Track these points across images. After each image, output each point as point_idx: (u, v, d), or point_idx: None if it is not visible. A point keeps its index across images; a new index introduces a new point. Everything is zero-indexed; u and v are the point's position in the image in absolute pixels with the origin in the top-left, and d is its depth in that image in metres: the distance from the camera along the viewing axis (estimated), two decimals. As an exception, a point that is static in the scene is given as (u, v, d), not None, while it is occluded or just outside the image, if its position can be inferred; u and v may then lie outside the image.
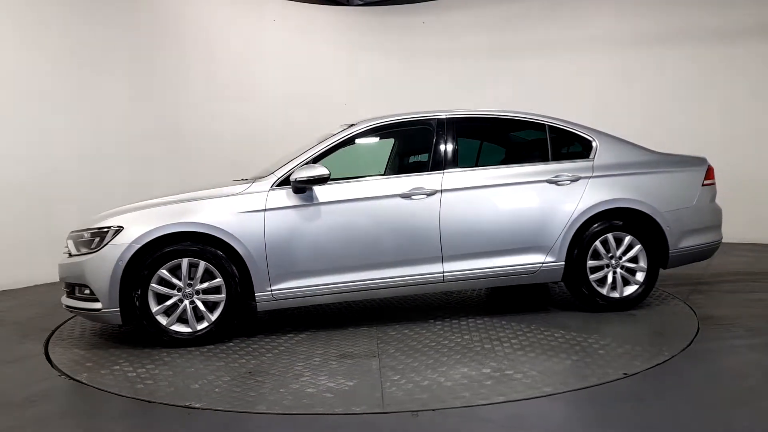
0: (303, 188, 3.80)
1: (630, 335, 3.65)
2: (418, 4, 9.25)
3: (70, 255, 3.79)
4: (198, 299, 3.67)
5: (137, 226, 3.60)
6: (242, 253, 3.69)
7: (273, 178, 3.86)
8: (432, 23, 9.16)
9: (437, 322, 4.12)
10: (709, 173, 4.54)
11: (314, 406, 2.71)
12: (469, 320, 4.13)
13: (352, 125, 4.14)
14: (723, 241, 4.56)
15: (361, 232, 3.89)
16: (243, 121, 7.98)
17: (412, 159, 4.61)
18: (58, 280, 3.96)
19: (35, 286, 5.82)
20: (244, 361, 3.39)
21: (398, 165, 4.67)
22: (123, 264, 3.54)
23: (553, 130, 4.40)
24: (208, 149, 7.53)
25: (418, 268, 3.95)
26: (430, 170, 4.07)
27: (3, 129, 5.71)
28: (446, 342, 3.65)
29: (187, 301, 3.65)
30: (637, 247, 4.24)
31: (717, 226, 4.55)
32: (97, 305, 3.59)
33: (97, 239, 3.64)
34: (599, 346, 3.46)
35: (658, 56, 7.84)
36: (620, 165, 4.35)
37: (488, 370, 3.11)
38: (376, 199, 3.91)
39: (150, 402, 2.82)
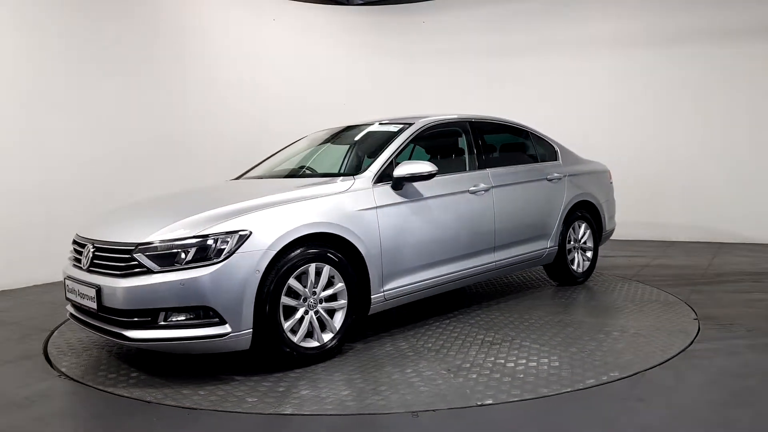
0: (402, 184, 3.75)
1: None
2: (418, 3, 9.24)
3: (133, 273, 3.00)
4: (322, 308, 3.32)
5: (265, 230, 3.10)
6: (364, 253, 3.46)
7: (370, 174, 3.69)
8: (432, 23, 9.16)
9: (491, 307, 4.51)
10: (609, 175, 5.73)
11: (579, 381, 2.91)
12: (499, 304, 4.48)
13: (409, 124, 4.17)
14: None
15: (449, 225, 4.03)
16: (242, 121, 7.97)
17: (455, 156, 4.66)
18: (99, 302, 3.07)
19: (34, 286, 5.81)
20: (410, 362, 3.26)
21: (444, 161, 4.73)
22: (260, 274, 3.02)
23: (534, 136, 5.14)
24: (207, 149, 7.52)
25: (481, 258, 4.28)
26: (478, 168, 4.38)
27: (2, 130, 5.70)
28: (543, 321, 4.07)
29: (312, 312, 3.27)
30: (589, 231, 5.28)
31: (614, 214, 5.79)
32: (223, 329, 2.95)
33: (194, 250, 2.97)
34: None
35: (658, 56, 7.82)
36: (573, 166, 5.26)
37: (617, 333, 3.73)
38: (456, 194, 4.10)
39: (149, 402, 2.81)
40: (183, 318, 2.96)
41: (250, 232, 3.05)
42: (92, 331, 3.26)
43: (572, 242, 5.13)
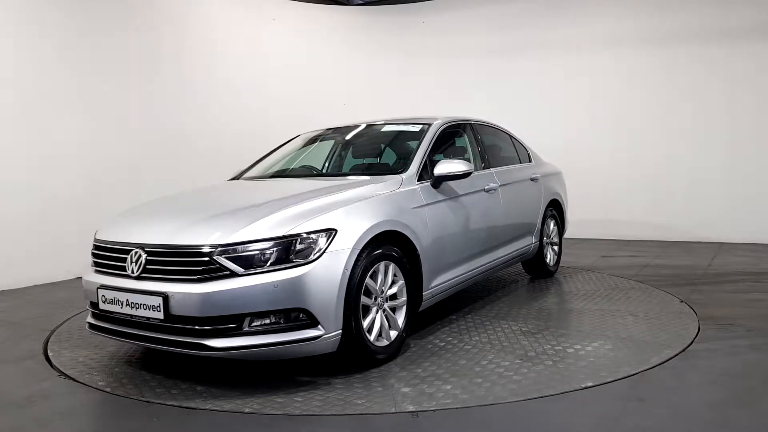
0: (440, 183, 3.80)
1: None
2: (418, 3, 9.25)
3: (212, 277, 2.76)
4: (388, 306, 3.27)
5: (348, 228, 3.00)
6: (419, 250, 3.45)
7: (412, 173, 3.69)
8: (432, 23, 9.16)
9: (495, 301, 4.64)
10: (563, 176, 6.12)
11: (645, 361, 3.11)
12: (500, 298, 4.48)
13: (428, 124, 4.21)
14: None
15: (476, 222, 4.16)
16: (243, 121, 7.98)
17: (463, 156, 4.71)
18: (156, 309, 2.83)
19: (34, 286, 5.81)
20: (478, 355, 3.31)
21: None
22: (348, 273, 2.92)
23: (513, 138, 5.38)
24: (207, 149, 7.52)
25: (494, 253, 4.45)
26: (483, 168, 4.52)
27: (3, 129, 5.70)
28: (556, 310, 4.34)
29: (381, 311, 3.21)
30: (556, 227, 5.66)
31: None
32: (316, 332, 2.82)
33: (278, 250, 2.80)
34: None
35: (659, 56, 7.82)
36: (543, 168, 5.55)
37: (631, 317, 4.02)
38: (477, 192, 4.21)
39: (149, 402, 2.81)
40: (269, 322, 2.78)
41: (336, 230, 2.95)
42: (141, 344, 3.02)
43: (545, 238, 5.42)
